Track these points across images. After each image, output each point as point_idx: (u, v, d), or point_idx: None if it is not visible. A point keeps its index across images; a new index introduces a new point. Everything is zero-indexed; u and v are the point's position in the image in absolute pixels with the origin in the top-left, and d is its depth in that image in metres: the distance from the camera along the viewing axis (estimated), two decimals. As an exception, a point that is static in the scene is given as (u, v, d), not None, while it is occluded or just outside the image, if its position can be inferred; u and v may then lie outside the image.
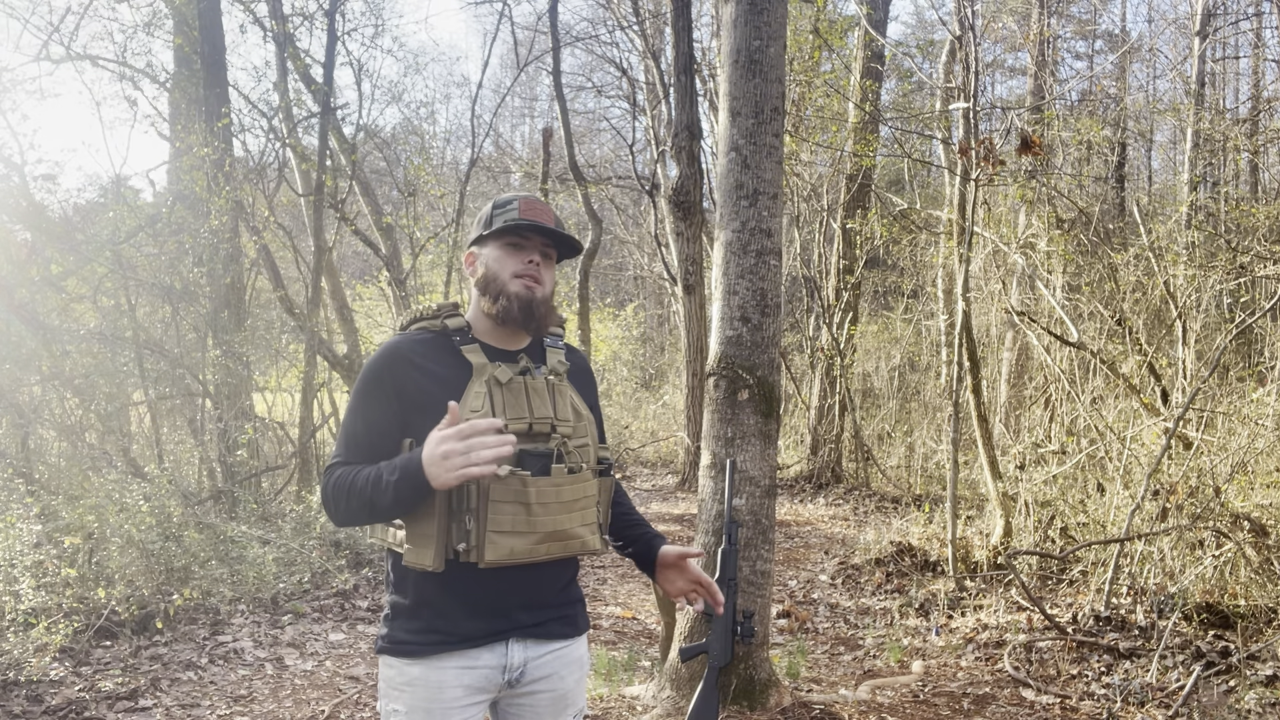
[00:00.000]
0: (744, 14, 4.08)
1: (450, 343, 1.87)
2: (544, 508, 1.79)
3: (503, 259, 1.89)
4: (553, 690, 1.92)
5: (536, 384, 1.85)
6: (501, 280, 1.87)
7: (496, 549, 1.75)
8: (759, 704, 3.95)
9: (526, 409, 1.82)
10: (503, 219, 1.89)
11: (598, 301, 22.40)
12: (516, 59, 14.10)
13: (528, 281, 1.87)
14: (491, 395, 1.80)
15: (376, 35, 31.78)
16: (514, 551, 1.76)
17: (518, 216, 1.88)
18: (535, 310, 1.86)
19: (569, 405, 1.89)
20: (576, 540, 1.85)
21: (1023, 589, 5.28)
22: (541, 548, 1.80)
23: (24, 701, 3.98)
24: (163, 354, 7.19)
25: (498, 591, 1.83)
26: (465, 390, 1.79)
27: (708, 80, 12.56)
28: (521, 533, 1.77)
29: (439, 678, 1.81)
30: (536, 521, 1.78)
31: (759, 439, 4.02)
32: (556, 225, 1.92)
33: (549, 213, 1.92)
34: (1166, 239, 8.77)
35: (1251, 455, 5.75)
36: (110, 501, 5.16)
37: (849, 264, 11.90)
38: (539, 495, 1.77)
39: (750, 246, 4.04)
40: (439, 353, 1.85)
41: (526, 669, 1.88)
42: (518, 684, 1.88)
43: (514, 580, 1.84)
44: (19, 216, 6.51)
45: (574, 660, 1.97)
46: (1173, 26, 16.17)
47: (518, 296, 1.85)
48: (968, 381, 6.79)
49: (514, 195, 1.94)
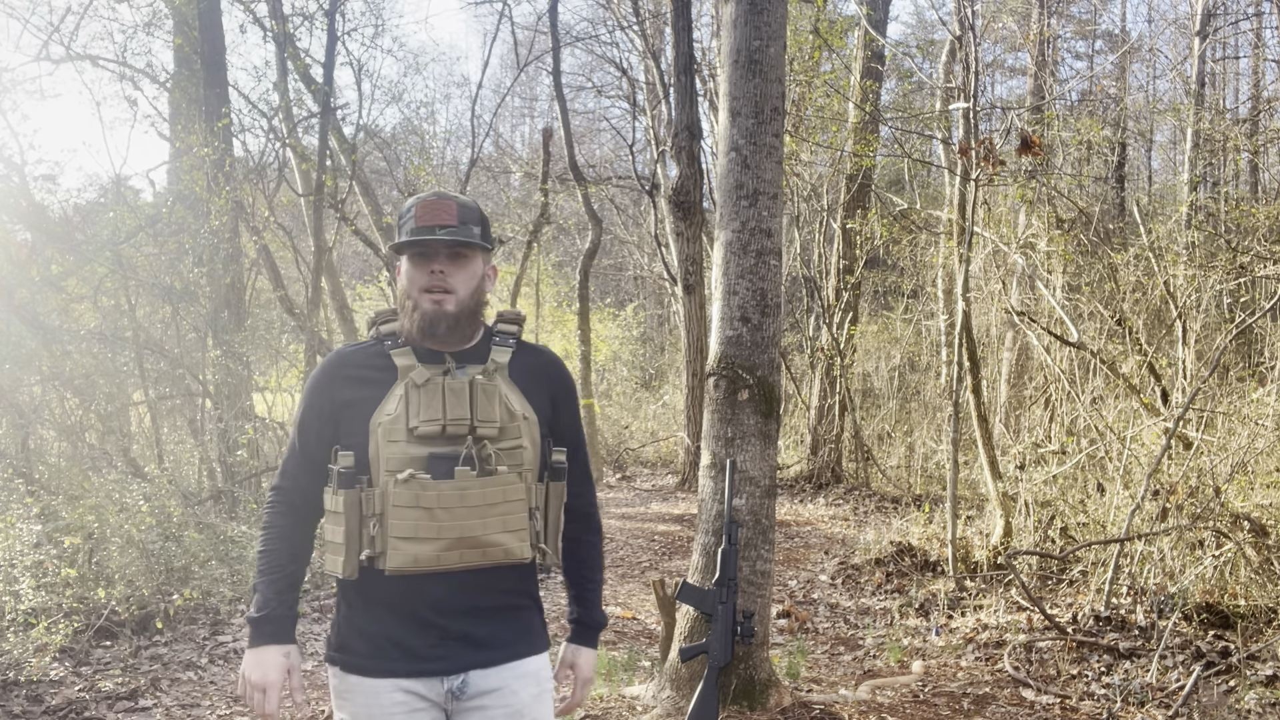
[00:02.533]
0: (744, 14, 4.08)
1: (384, 348, 1.84)
2: (448, 512, 1.71)
3: (411, 273, 1.83)
4: (506, 705, 1.82)
5: (455, 384, 1.77)
6: (413, 297, 1.81)
7: (400, 555, 1.71)
8: (759, 704, 3.95)
9: (440, 409, 1.75)
10: (405, 230, 1.83)
11: (598, 301, 22.41)
12: (516, 59, 14.11)
13: (435, 296, 1.80)
14: (407, 397, 1.76)
15: (376, 35, 31.82)
16: (418, 559, 1.71)
17: (414, 226, 1.80)
18: (438, 326, 1.80)
19: (498, 404, 1.79)
20: (496, 548, 1.75)
21: (1023, 589, 5.28)
22: (451, 554, 1.72)
23: (24, 701, 3.98)
24: (163, 354, 7.19)
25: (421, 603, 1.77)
26: (388, 394, 1.78)
27: (708, 80, 12.56)
28: (425, 539, 1.71)
29: (375, 685, 1.79)
30: (441, 527, 1.71)
31: (759, 439, 4.02)
32: (463, 219, 1.82)
33: (450, 209, 1.81)
34: (1166, 239, 8.77)
35: (1251, 455, 5.75)
36: (110, 501, 5.16)
37: (849, 264, 11.90)
38: (440, 499, 1.71)
39: (750, 246, 4.04)
40: (372, 359, 1.84)
41: (469, 680, 1.80)
42: (463, 695, 1.80)
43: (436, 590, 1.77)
44: (19, 216, 6.51)
45: (527, 674, 1.86)
46: (1173, 26, 16.18)
47: (424, 314, 1.80)
48: (968, 381, 6.79)
49: (413, 201, 1.85)
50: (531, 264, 15.22)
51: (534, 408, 1.85)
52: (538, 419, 1.84)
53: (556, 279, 19.68)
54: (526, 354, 1.92)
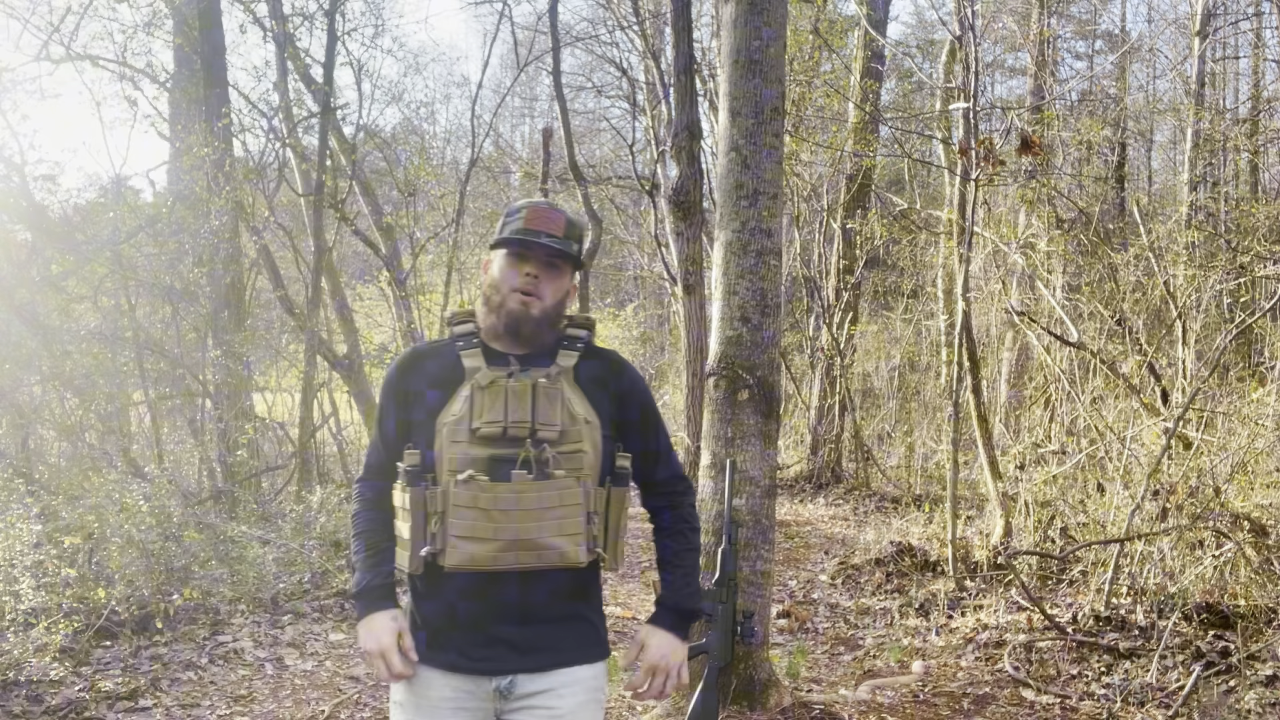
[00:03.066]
0: (744, 14, 4.08)
1: (455, 348, 1.89)
2: (504, 514, 1.76)
3: (505, 270, 1.89)
4: (549, 709, 1.83)
5: (518, 387, 1.81)
6: (501, 293, 1.87)
7: (457, 553, 1.76)
8: (759, 704, 3.95)
9: (502, 412, 1.79)
10: (510, 228, 1.88)
11: (598, 301, 22.41)
12: (516, 59, 14.09)
13: (523, 296, 1.85)
14: (472, 399, 1.81)
15: (376, 35, 31.81)
16: (475, 558, 1.76)
17: (521, 227, 1.86)
18: (522, 328, 1.85)
19: (561, 409, 1.82)
20: (551, 551, 1.78)
21: (1023, 589, 5.28)
22: (507, 555, 1.76)
23: (24, 701, 3.98)
24: (163, 354, 7.19)
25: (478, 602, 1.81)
26: (454, 394, 1.83)
27: (708, 80, 12.54)
28: (481, 539, 1.75)
29: (426, 675, 1.84)
30: (497, 528, 1.75)
31: (759, 439, 4.02)
32: (566, 234, 1.88)
33: (558, 222, 1.88)
34: (1166, 239, 8.77)
35: (1251, 455, 5.74)
36: (110, 501, 5.15)
37: (849, 264, 11.90)
38: (496, 501, 1.75)
39: (750, 246, 4.04)
40: (444, 359, 1.89)
41: (517, 681, 1.83)
42: (509, 695, 1.83)
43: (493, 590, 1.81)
44: (19, 217, 6.51)
45: (577, 680, 1.87)
46: (1173, 26, 16.16)
47: (509, 313, 1.85)
48: (968, 381, 6.79)
49: (525, 203, 1.91)
50: (531, 264, 15.18)
51: (597, 411, 1.87)
52: (600, 422, 1.86)
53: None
54: (593, 357, 1.95)
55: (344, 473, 10.28)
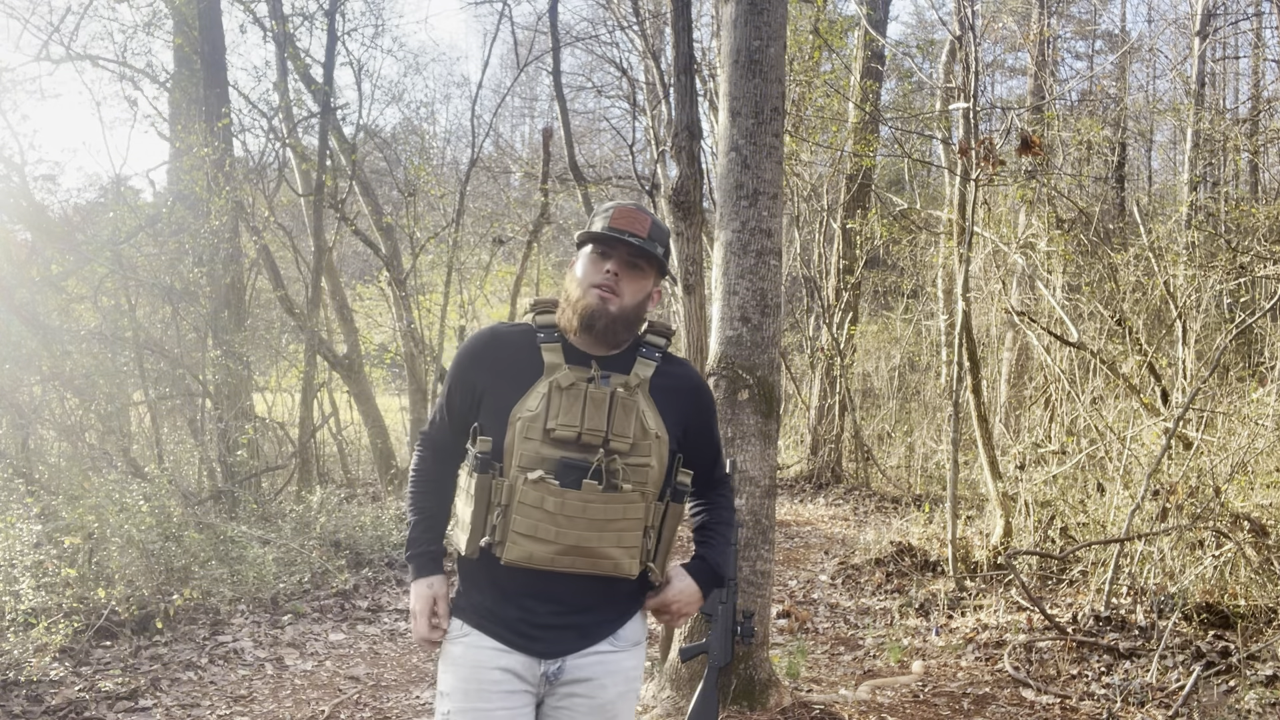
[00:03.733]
0: (744, 14, 4.08)
1: (535, 338, 1.88)
2: (569, 520, 1.77)
3: (588, 267, 1.89)
4: (592, 698, 1.88)
5: (597, 394, 1.81)
6: (582, 288, 1.87)
7: (516, 549, 1.77)
8: (759, 704, 3.95)
9: (579, 417, 1.80)
10: (596, 225, 1.89)
11: (598, 301, 22.32)
12: (516, 59, 14.09)
13: (602, 292, 1.85)
14: (549, 398, 1.80)
15: (376, 35, 31.80)
16: (533, 556, 1.77)
17: (607, 225, 1.87)
18: (595, 323, 1.84)
19: (635, 421, 1.83)
20: (607, 561, 1.81)
21: (1023, 589, 5.28)
22: (564, 559, 1.78)
23: (24, 701, 3.98)
24: (163, 354, 7.19)
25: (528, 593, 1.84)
26: (530, 388, 1.83)
27: (708, 80, 12.54)
28: (543, 540, 1.77)
29: (477, 657, 1.86)
30: (560, 532, 1.77)
31: (759, 439, 4.02)
32: (651, 236, 1.87)
33: (643, 223, 1.87)
34: (1166, 239, 8.76)
35: (1251, 455, 5.74)
36: (110, 501, 5.15)
37: (849, 264, 11.90)
38: (563, 507, 1.76)
39: (750, 246, 4.04)
40: (524, 347, 1.89)
41: (565, 666, 1.86)
42: (556, 680, 1.87)
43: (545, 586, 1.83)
44: (19, 216, 6.51)
45: (619, 671, 1.91)
46: (1173, 26, 16.17)
47: (585, 308, 1.84)
48: (968, 381, 6.79)
49: (613, 204, 1.92)
50: (531, 264, 15.21)
51: (667, 426, 1.88)
52: (669, 438, 1.88)
53: (556, 279, 19.68)
54: (670, 369, 1.95)
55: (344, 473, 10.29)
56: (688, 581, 1.99)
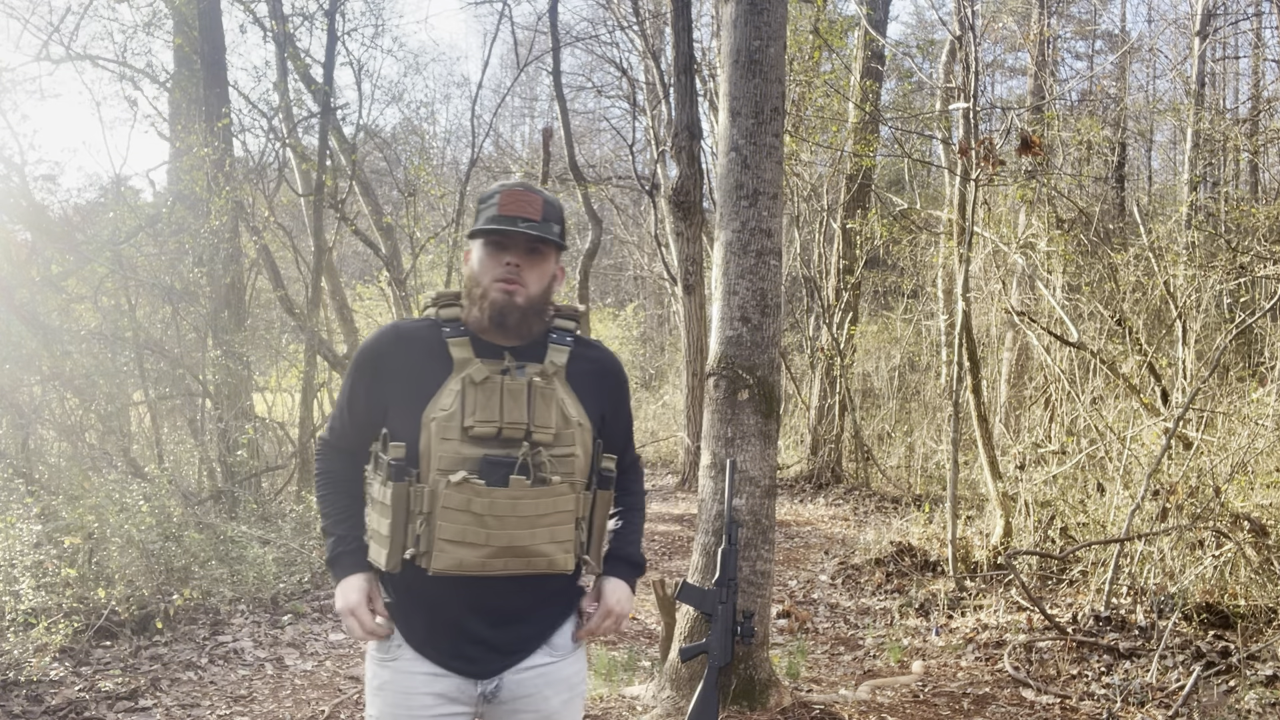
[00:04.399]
0: (744, 14, 4.08)
1: (440, 333, 1.78)
2: (499, 520, 1.68)
3: (485, 260, 1.78)
4: (536, 711, 1.81)
5: (514, 385, 1.72)
6: (483, 285, 1.77)
7: (444, 558, 1.67)
8: (759, 704, 3.95)
9: (498, 411, 1.70)
10: (485, 216, 1.78)
11: (598, 301, 22.40)
12: (516, 59, 14.10)
13: (506, 286, 1.75)
14: (464, 394, 1.71)
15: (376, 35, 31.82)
16: (463, 563, 1.68)
17: (497, 214, 1.75)
18: (508, 318, 1.75)
19: (555, 410, 1.75)
20: (541, 559, 1.72)
21: (1023, 589, 5.28)
22: (496, 562, 1.69)
23: (24, 701, 3.98)
24: (163, 354, 7.19)
25: (459, 603, 1.75)
26: (441, 387, 1.72)
27: (708, 80, 12.55)
28: (472, 544, 1.67)
29: (407, 683, 1.76)
30: (490, 534, 1.67)
31: (759, 439, 4.02)
32: (546, 216, 1.77)
33: (535, 203, 1.76)
34: (1166, 239, 8.77)
35: (1251, 455, 5.74)
36: (110, 501, 5.16)
37: (849, 264, 11.90)
38: (492, 507, 1.67)
39: (750, 246, 4.04)
40: (429, 343, 1.78)
41: (503, 683, 1.78)
42: (494, 700, 1.79)
43: (476, 593, 1.74)
44: (19, 216, 6.51)
45: (560, 680, 1.84)
46: (1173, 26, 16.17)
47: (493, 304, 1.75)
48: (968, 381, 6.79)
49: (499, 187, 1.79)
50: (531, 264, 15.16)
51: (589, 413, 1.81)
52: (591, 425, 1.80)
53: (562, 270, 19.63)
54: (584, 352, 1.87)
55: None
56: (615, 584, 1.93)
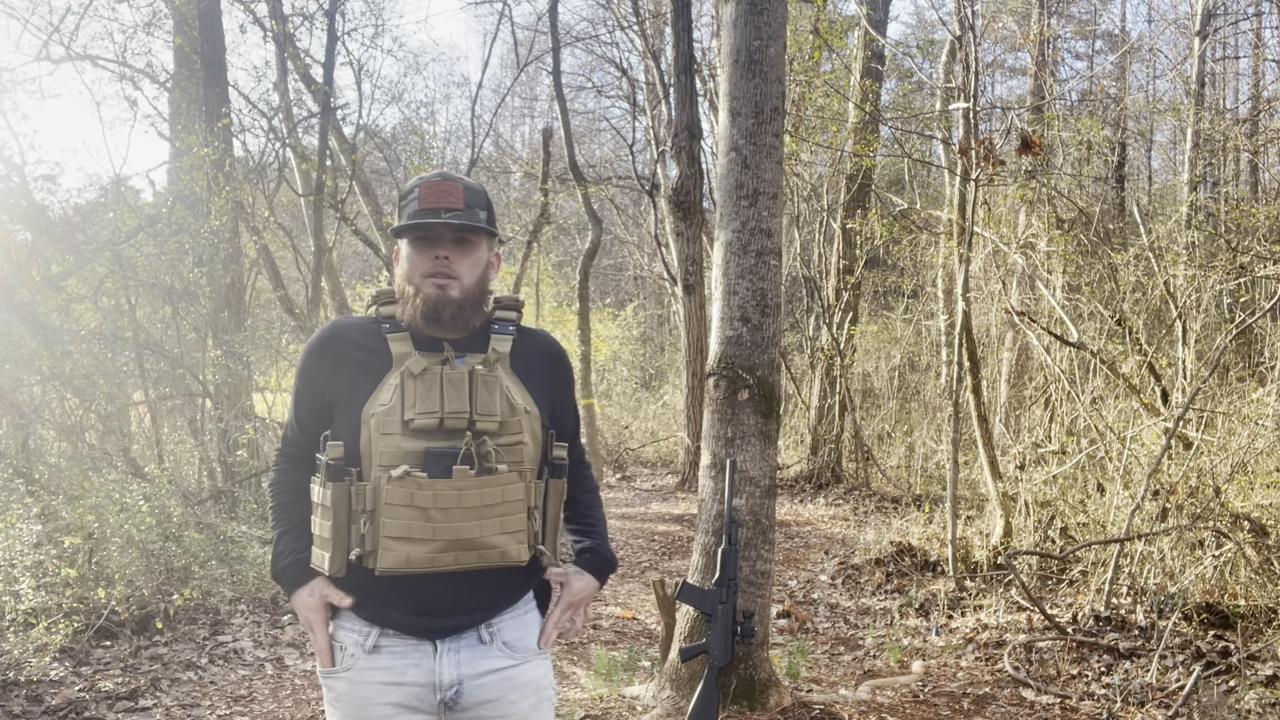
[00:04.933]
0: (744, 14, 4.08)
1: (381, 329, 1.75)
2: (444, 513, 1.62)
3: (413, 257, 1.73)
4: (502, 716, 1.74)
5: (454, 375, 1.67)
6: (414, 282, 1.72)
7: (391, 556, 1.62)
8: (759, 704, 3.95)
9: (438, 401, 1.65)
10: (407, 211, 1.74)
11: (598, 301, 22.39)
12: (516, 59, 14.10)
13: (438, 280, 1.70)
14: (403, 388, 1.66)
15: (376, 35, 31.82)
16: (410, 560, 1.62)
17: (418, 208, 1.70)
18: (443, 312, 1.70)
19: (499, 398, 1.70)
20: (493, 550, 1.65)
21: (1023, 589, 5.28)
22: (446, 557, 1.63)
23: (24, 701, 3.98)
24: (163, 354, 7.19)
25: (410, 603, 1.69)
26: (381, 382, 1.69)
27: (708, 80, 12.55)
28: (419, 539, 1.62)
29: (363, 693, 1.71)
30: (436, 528, 1.62)
31: (759, 439, 4.02)
32: (469, 203, 1.72)
33: (456, 191, 1.71)
34: (1166, 239, 8.77)
35: (1251, 455, 5.74)
36: (110, 501, 5.16)
37: (849, 264, 11.90)
38: (436, 499, 1.62)
39: (750, 246, 4.04)
40: (368, 340, 1.74)
41: (463, 689, 1.71)
42: (455, 706, 1.72)
43: (427, 591, 1.69)
44: (19, 216, 6.51)
45: (526, 683, 1.77)
46: (1173, 26, 16.18)
47: (425, 299, 1.70)
48: (968, 381, 6.79)
49: (418, 180, 1.74)
50: (531, 264, 15.22)
51: (535, 400, 1.75)
52: (539, 412, 1.75)
53: (556, 279, 19.69)
54: (527, 340, 1.83)
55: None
56: (584, 577, 1.87)
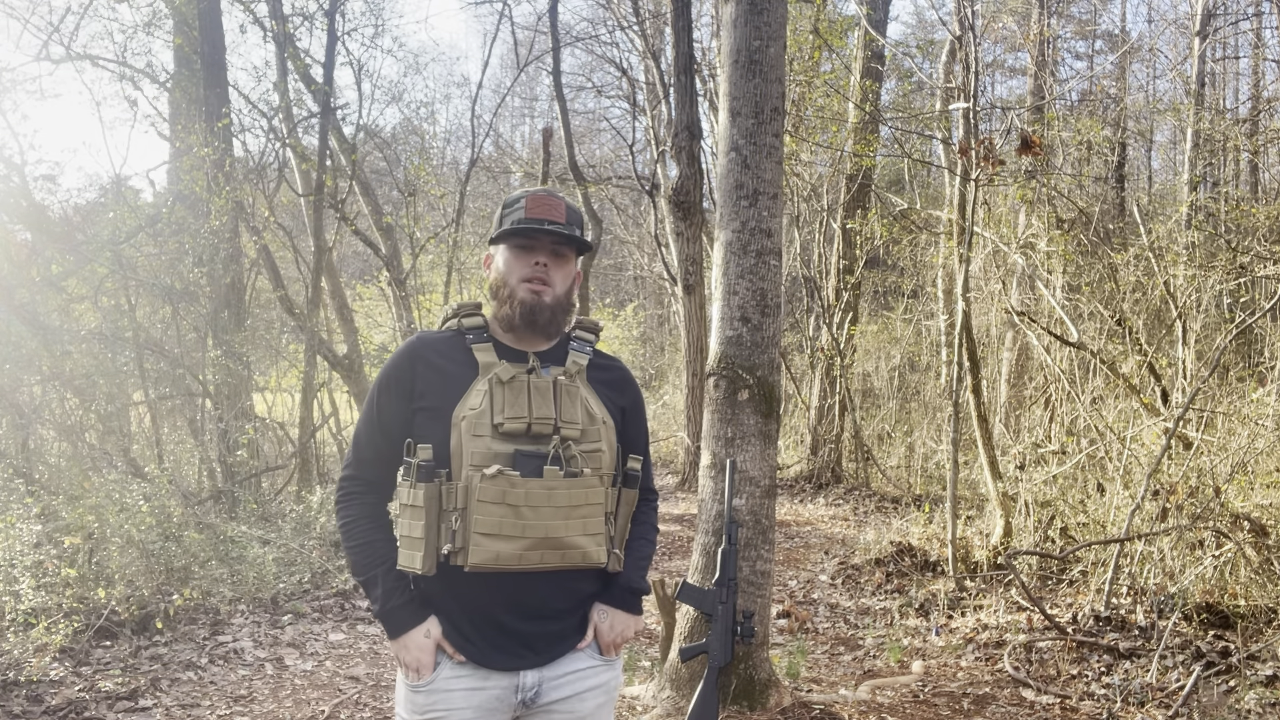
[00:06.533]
0: (744, 14, 4.08)
1: (464, 341, 1.85)
2: (534, 511, 1.70)
3: (511, 262, 1.86)
4: (571, 712, 1.86)
5: (540, 383, 1.78)
6: (510, 285, 1.84)
7: (481, 552, 1.68)
8: (759, 704, 3.95)
9: (526, 407, 1.75)
10: (510, 219, 1.85)
11: (598, 301, 22.40)
12: (516, 59, 14.10)
13: (534, 286, 1.83)
14: (492, 393, 1.75)
15: (376, 35, 31.82)
16: (500, 556, 1.69)
17: (524, 216, 1.83)
18: (539, 316, 1.82)
19: (579, 407, 1.80)
20: (576, 550, 1.75)
21: (1023, 589, 5.28)
22: (533, 555, 1.71)
23: (24, 701, 3.98)
24: (163, 354, 7.19)
25: (495, 602, 1.77)
26: (469, 388, 1.77)
27: (708, 80, 12.55)
28: (509, 536, 1.69)
29: (448, 701, 1.78)
30: (526, 525, 1.70)
31: (759, 439, 4.02)
32: (569, 220, 1.85)
33: (559, 208, 1.84)
34: (1166, 239, 8.76)
35: (1251, 455, 5.74)
36: (110, 501, 5.16)
37: (849, 264, 11.90)
38: (528, 497, 1.70)
39: (750, 246, 4.04)
40: (453, 351, 1.84)
41: (542, 689, 1.83)
42: (534, 705, 1.83)
43: (511, 590, 1.76)
44: (19, 217, 6.51)
45: (599, 685, 1.89)
46: (1173, 26, 16.17)
47: (522, 303, 1.82)
48: (968, 381, 6.79)
49: (523, 192, 1.88)
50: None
51: (610, 412, 1.87)
52: (614, 423, 1.87)
53: (575, 273, 19.64)
54: (602, 361, 1.95)
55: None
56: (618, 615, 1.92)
